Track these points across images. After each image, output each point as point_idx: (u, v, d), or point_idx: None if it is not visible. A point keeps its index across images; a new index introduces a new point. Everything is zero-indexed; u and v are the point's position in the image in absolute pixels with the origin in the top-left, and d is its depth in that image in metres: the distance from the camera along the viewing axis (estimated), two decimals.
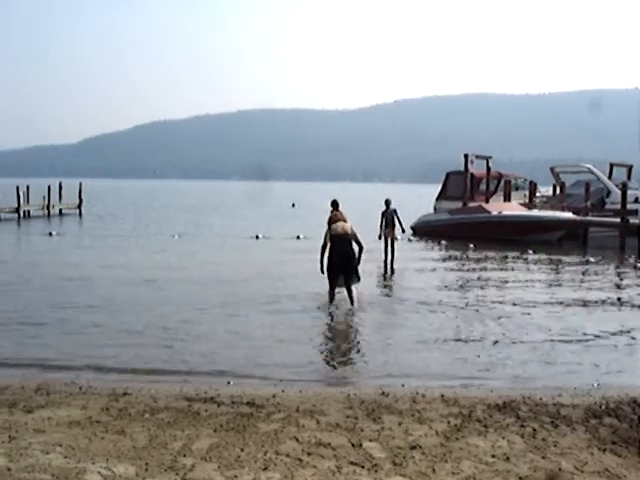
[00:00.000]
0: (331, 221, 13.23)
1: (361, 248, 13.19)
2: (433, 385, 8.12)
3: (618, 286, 17.70)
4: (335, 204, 19.05)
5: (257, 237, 28.62)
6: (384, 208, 20.36)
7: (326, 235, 13.13)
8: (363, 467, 5.31)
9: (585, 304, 14.15)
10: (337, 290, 13.27)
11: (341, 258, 12.93)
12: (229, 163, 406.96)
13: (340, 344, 10.71)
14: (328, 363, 9.53)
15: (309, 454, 5.54)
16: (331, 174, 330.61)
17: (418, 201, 43.79)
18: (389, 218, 20.36)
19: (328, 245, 13.05)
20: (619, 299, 15.18)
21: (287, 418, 6.49)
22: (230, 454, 5.54)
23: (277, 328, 11.41)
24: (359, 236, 13.22)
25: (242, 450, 5.62)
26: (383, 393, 7.51)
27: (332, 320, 12.41)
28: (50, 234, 30.42)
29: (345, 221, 13.15)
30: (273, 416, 6.57)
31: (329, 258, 13.10)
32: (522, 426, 6.41)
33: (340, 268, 12.99)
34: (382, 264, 19.82)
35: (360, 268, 13.21)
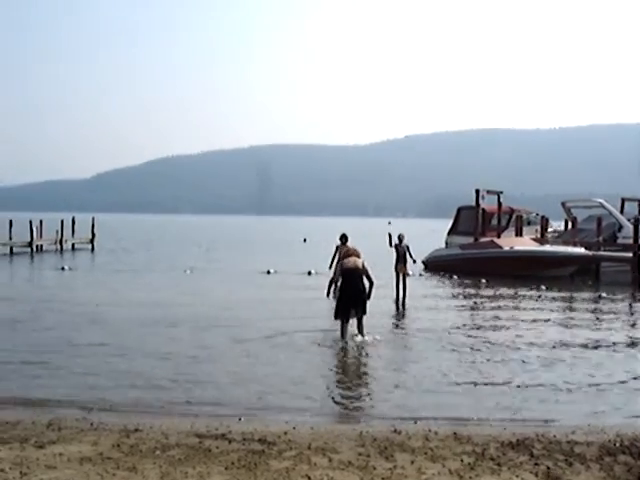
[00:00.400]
0: (343, 255, 13.31)
1: (372, 284, 13.22)
2: (446, 423, 8.07)
3: (633, 325, 17.54)
4: (344, 238, 19.35)
5: (269, 272, 28.65)
6: (397, 242, 20.51)
7: (337, 269, 13.26)
8: None
9: (599, 344, 14.00)
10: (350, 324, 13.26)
11: (352, 293, 12.98)
12: (242, 198, 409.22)
13: (351, 380, 10.66)
14: (340, 400, 9.47)
15: None
16: (342, 208, 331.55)
17: (430, 236, 43.76)
18: (401, 253, 20.43)
19: (340, 280, 13.14)
20: (631, 339, 15.03)
21: (299, 455, 6.45)
22: None
23: (288, 364, 11.38)
24: (370, 272, 13.25)
25: None
26: (395, 430, 7.45)
27: (343, 356, 12.38)
28: (62, 269, 30.54)
29: (358, 256, 13.21)
30: (285, 453, 6.53)
31: (340, 292, 13.22)
32: (536, 464, 6.35)
33: (351, 303, 13.04)
34: (394, 300, 19.79)
35: (369, 303, 13.24)
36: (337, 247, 20.95)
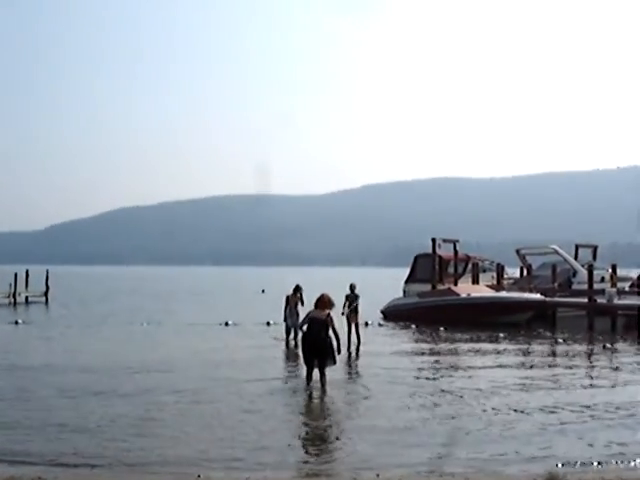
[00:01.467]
0: (314, 304, 13.54)
1: (337, 337, 13.29)
2: (408, 474, 7.99)
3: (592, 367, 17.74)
4: (297, 289, 20.11)
5: (227, 324, 28.37)
6: (348, 292, 20.55)
7: (305, 317, 13.71)
8: None
9: (565, 386, 14.10)
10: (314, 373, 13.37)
11: (312, 342, 13.17)
12: (198, 249, 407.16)
13: (312, 431, 10.55)
14: (300, 452, 9.36)
15: None
16: (300, 259, 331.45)
17: (390, 284, 43.91)
18: (352, 302, 20.44)
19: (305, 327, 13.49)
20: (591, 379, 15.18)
21: None
22: None
23: (248, 416, 11.23)
24: (336, 325, 13.41)
25: None
26: None
27: (305, 407, 12.37)
28: (16, 322, 29.90)
29: (325, 307, 13.32)
30: None
31: (302, 341, 13.54)
32: None
33: (311, 351, 13.21)
34: (346, 348, 19.62)
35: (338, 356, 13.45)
36: (287, 297, 21.48)
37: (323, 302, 13.38)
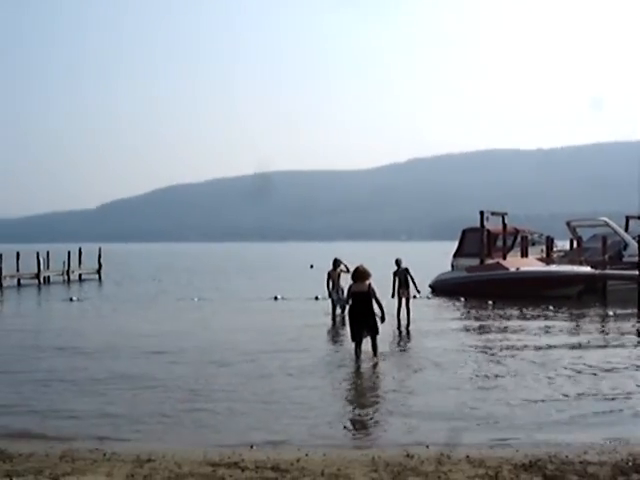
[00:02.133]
0: (352, 278, 13.85)
1: (379, 305, 13.56)
2: (458, 446, 8.06)
3: None
4: (335, 263, 21.32)
5: (276, 298, 28.70)
6: (395, 268, 20.43)
7: (348, 292, 14.05)
8: None
9: (609, 363, 13.96)
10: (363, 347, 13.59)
11: (359, 315, 13.48)
12: (248, 225, 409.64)
13: (363, 404, 10.67)
14: (352, 424, 9.49)
15: None
16: (349, 234, 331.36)
17: (438, 258, 43.73)
18: (402, 278, 20.34)
19: (350, 302, 13.77)
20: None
21: None
22: None
23: (300, 389, 11.43)
24: (378, 294, 13.63)
25: None
26: (408, 455, 7.45)
27: (355, 380, 12.52)
28: (71, 299, 30.61)
29: (365, 279, 13.54)
30: None
31: (349, 315, 13.83)
32: None
33: (360, 324, 13.51)
34: (396, 325, 19.68)
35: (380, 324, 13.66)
36: (329, 273, 21.52)
37: (360, 274, 13.63)
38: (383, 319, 13.66)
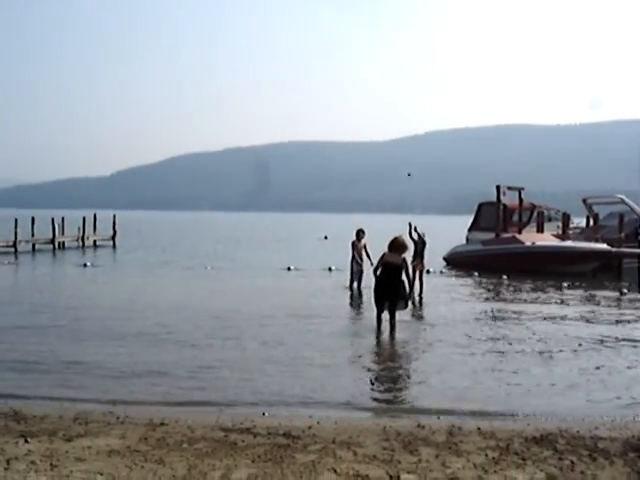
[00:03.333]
0: (389, 247, 13.69)
1: (408, 280, 13.75)
2: (469, 417, 8.09)
3: None
4: (360, 233, 20.06)
5: (289, 269, 28.73)
6: (416, 237, 20.45)
7: (378, 260, 13.85)
8: None
9: (623, 340, 13.92)
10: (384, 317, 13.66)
11: (386, 285, 13.44)
12: (262, 195, 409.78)
13: (377, 374, 10.74)
14: (364, 393, 9.53)
15: None
16: (362, 205, 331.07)
17: (453, 232, 43.61)
18: (419, 249, 20.35)
19: (379, 270, 13.68)
20: None
21: (324, 449, 6.50)
22: None
23: (314, 356, 11.52)
24: (409, 267, 13.83)
25: None
26: (419, 425, 7.49)
27: (371, 349, 12.63)
28: (85, 265, 30.79)
29: (402, 251, 13.53)
30: (310, 447, 6.59)
31: (376, 283, 13.74)
32: (560, 459, 6.36)
33: (385, 294, 13.49)
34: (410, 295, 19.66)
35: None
36: (353, 243, 21.31)
37: (398, 245, 13.54)
38: (406, 303, 13.71)
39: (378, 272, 13.70)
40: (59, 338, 13.12)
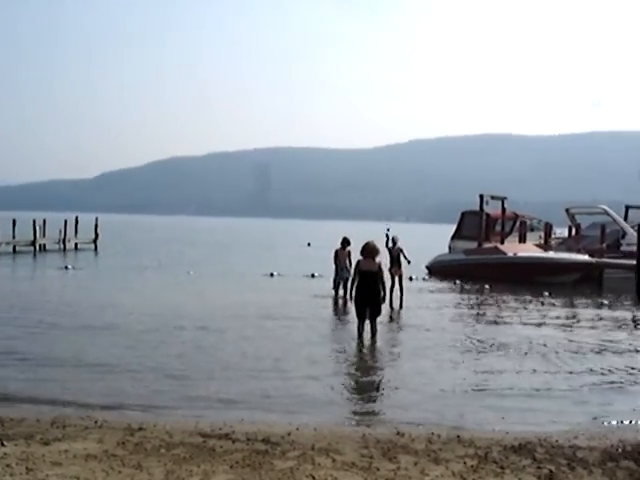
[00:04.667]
0: (361, 254, 13.82)
1: (384, 287, 13.76)
2: (449, 426, 8.09)
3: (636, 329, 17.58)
4: (345, 242, 20.11)
5: (272, 275, 28.68)
6: (391, 245, 20.46)
7: (354, 270, 14.01)
8: None
9: (602, 349, 14.01)
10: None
11: (365, 293, 13.50)
12: (245, 201, 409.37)
13: (357, 381, 10.74)
14: (344, 401, 9.52)
15: None
16: (346, 213, 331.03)
17: (435, 240, 43.76)
18: (395, 256, 20.30)
19: (357, 280, 13.75)
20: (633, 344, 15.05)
21: (302, 456, 6.47)
22: None
23: (295, 362, 11.52)
24: (384, 275, 13.78)
25: None
26: (399, 433, 7.48)
27: (353, 356, 12.66)
28: (66, 268, 30.59)
29: (374, 257, 13.60)
30: (288, 454, 6.56)
31: (355, 292, 13.84)
32: (539, 467, 6.37)
33: (365, 303, 13.53)
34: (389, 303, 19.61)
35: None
36: (336, 251, 21.25)
37: (370, 250, 13.62)
38: (384, 300, 13.90)
39: (356, 281, 13.79)
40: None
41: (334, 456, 6.50)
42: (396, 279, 20.24)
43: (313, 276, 27.89)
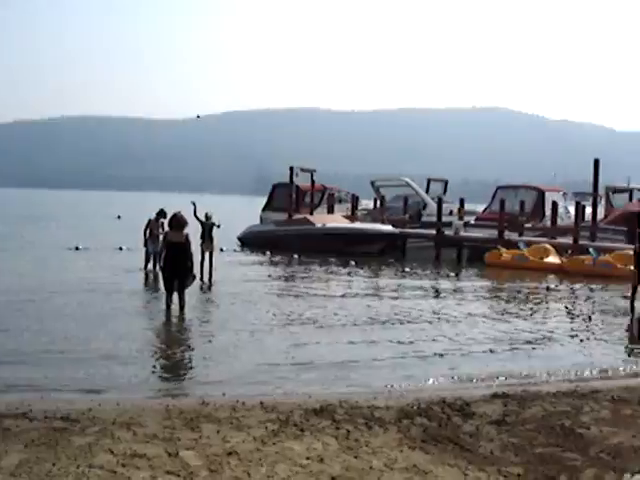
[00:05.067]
0: (169, 227, 13.86)
1: (190, 259, 13.61)
2: (254, 393, 8.24)
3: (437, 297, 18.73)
4: (160, 214, 19.73)
5: (77, 248, 27.49)
6: (203, 219, 20.16)
7: (162, 243, 14.11)
8: (179, 475, 5.32)
9: (407, 316, 14.77)
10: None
11: (173, 265, 13.42)
12: (52, 171, 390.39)
13: (165, 355, 10.68)
14: (149, 374, 9.45)
15: (124, 465, 5.47)
16: (160, 184, 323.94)
17: (249, 212, 43.94)
18: (207, 231, 20.06)
19: (164, 252, 13.68)
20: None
21: (102, 431, 6.35)
22: (41, 469, 5.36)
23: (101, 337, 11.27)
24: (192, 247, 13.68)
25: (54, 465, 5.45)
26: (203, 402, 7.52)
27: (161, 330, 12.60)
28: None
29: (182, 229, 13.52)
30: (88, 430, 6.41)
31: (163, 264, 13.75)
32: (337, 428, 6.64)
33: (173, 274, 13.47)
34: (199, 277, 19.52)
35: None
36: (149, 221, 20.82)
37: (177, 221, 13.57)
38: (194, 277, 13.85)
39: (163, 253, 13.71)
40: None
41: (135, 429, 6.43)
42: (206, 255, 20.01)
43: (121, 249, 27.14)
